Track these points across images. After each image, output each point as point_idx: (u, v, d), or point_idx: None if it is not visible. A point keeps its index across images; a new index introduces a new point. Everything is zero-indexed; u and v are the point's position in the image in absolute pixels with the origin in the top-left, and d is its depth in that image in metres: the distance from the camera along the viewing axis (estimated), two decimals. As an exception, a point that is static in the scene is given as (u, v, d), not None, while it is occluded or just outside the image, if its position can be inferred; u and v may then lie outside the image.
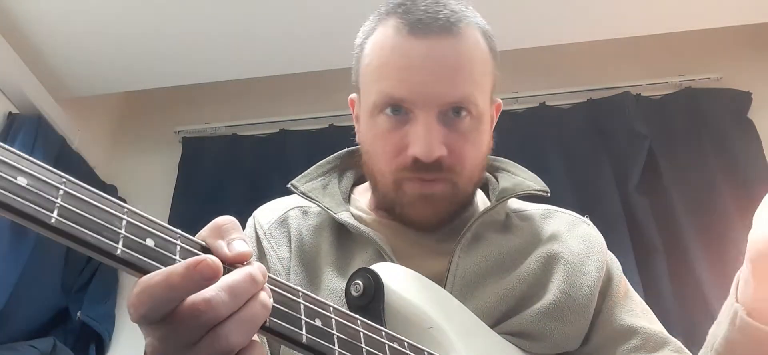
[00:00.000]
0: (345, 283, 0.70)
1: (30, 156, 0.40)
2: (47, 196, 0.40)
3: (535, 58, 2.50)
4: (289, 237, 0.85)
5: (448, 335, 0.67)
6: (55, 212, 0.40)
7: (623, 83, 2.56)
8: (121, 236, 0.43)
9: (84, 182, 0.44)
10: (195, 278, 0.43)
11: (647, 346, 0.78)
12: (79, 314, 2.15)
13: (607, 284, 0.84)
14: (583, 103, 2.56)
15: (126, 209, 0.45)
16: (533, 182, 0.89)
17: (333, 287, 0.77)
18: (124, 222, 0.44)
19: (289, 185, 0.88)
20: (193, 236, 0.51)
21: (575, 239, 0.85)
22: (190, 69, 2.41)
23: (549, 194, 0.88)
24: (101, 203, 0.44)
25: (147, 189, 2.64)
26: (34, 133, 2.14)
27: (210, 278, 0.43)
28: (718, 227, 2.23)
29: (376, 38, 0.82)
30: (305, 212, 0.88)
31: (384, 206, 0.85)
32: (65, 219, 0.40)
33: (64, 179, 0.42)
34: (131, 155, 2.75)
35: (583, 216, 0.93)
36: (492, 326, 0.75)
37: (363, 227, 0.81)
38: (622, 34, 2.40)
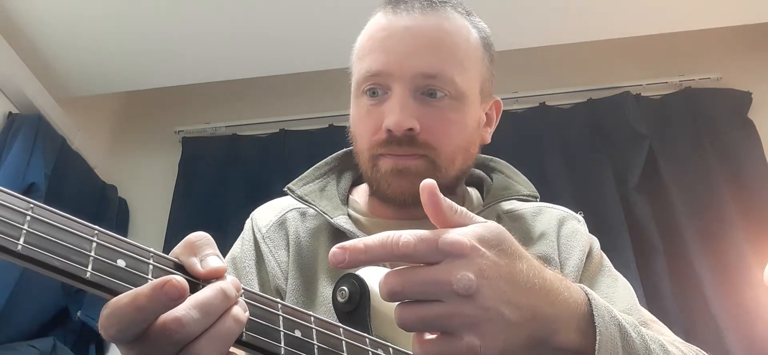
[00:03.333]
0: None
1: (29, 157, 0.40)
2: (13, 223, 0.40)
3: (535, 58, 2.50)
4: (287, 240, 0.84)
5: None
6: (22, 238, 0.40)
7: (623, 83, 2.56)
8: (91, 258, 0.43)
9: (84, 182, 0.44)
10: (161, 298, 0.42)
11: None
12: (79, 314, 2.15)
13: (586, 264, 0.84)
14: (583, 103, 2.56)
15: (96, 231, 0.44)
16: (523, 187, 0.89)
17: (326, 296, 0.76)
18: (94, 244, 0.44)
19: (285, 189, 0.88)
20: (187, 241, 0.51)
21: (562, 237, 0.85)
22: (190, 69, 2.41)
23: (538, 199, 0.88)
24: (71, 227, 0.43)
25: (147, 189, 2.64)
26: (34, 133, 2.14)
27: (176, 298, 0.43)
28: (718, 226, 2.23)
29: (365, 29, 0.86)
30: (303, 214, 0.88)
31: (371, 191, 0.86)
32: (32, 245, 0.40)
33: (32, 205, 0.42)
34: (131, 155, 2.75)
35: (578, 213, 0.92)
36: None
37: (358, 233, 0.80)
38: (622, 34, 2.40)
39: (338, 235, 0.83)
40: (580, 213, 0.93)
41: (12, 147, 2.06)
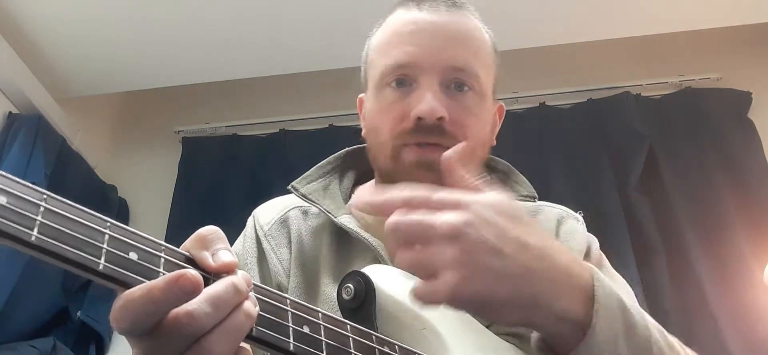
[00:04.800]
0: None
1: (29, 157, 0.40)
2: (27, 213, 0.40)
3: (535, 58, 2.50)
4: (290, 238, 0.84)
5: (441, 336, 0.66)
6: (36, 229, 0.40)
7: (623, 83, 2.56)
8: (104, 250, 0.43)
9: (84, 182, 0.44)
10: (176, 292, 0.42)
11: None
12: (79, 314, 2.15)
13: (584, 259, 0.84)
14: (583, 103, 2.56)
15: (109, 223, 0.44)
16: (522, 187, 0.90)
17: (329, 294, 0.76)
18: (107, 236, 0.43)
19: (289, 187, 0.88)
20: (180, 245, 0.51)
21: (561, 236, 0.86)
22: (190, 69, 2.41)
23: (536, 200, 0.90)
24: (83, 218, 0.43)
25: (147, 189, 2.64)
26: (34, 133, 2.14)
27: (190, 292, 0.43)
28: (718, 226, 2.23)
29: (385, 24, 0.87)
30: (305, 213, 0.87)
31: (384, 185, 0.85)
32: (45, 236, 0.40)
33: (45, 196, 0.42)
34: (131, 155, 2.75)
35: (577, 213, 0.93)
36: (487, 326, 0.74)
37: (362, 232, 0.80)
38: (622, 34, 2.40)
39: (341, 234, 0.82)
40: (580, 212, 0.93)
41: (12, 147, 2.06)
